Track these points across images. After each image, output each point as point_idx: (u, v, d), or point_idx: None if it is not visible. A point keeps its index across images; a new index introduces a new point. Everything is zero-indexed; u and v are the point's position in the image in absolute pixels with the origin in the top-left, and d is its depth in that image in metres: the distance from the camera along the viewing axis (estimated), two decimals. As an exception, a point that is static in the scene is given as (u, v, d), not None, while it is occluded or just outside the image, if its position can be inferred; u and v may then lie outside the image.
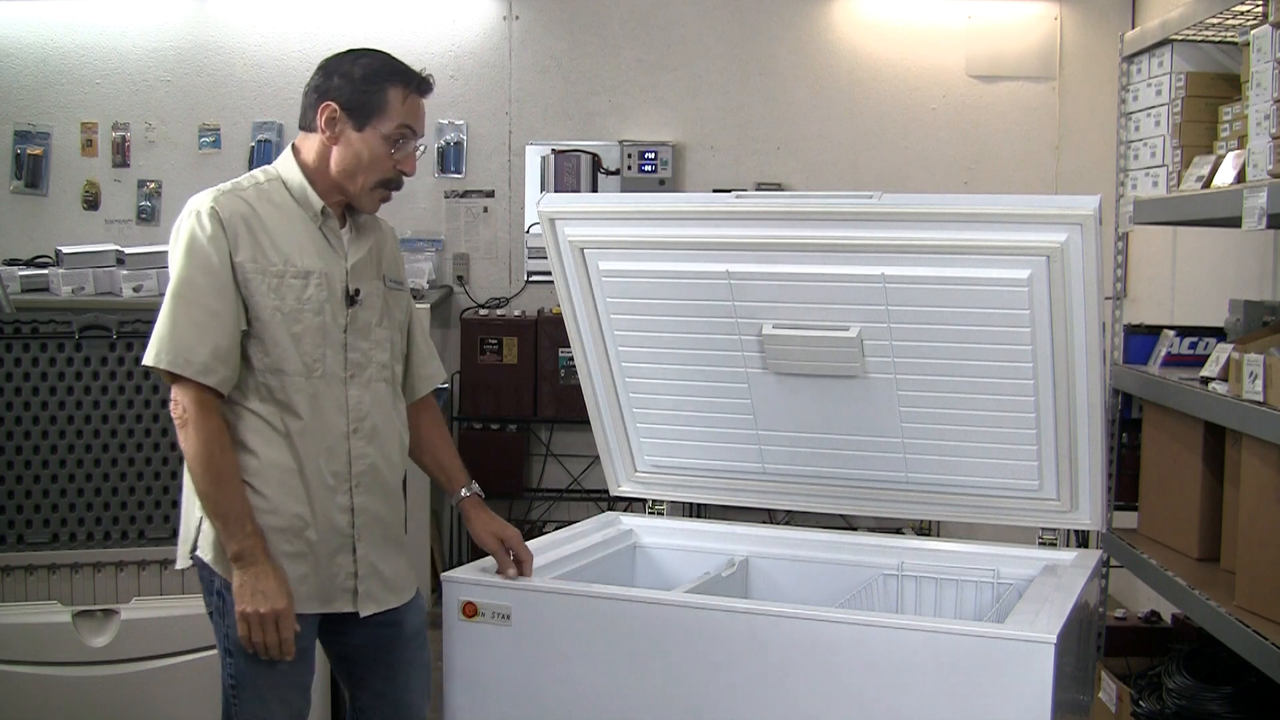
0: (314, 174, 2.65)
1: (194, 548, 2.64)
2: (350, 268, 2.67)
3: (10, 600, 3.96)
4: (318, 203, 2.64)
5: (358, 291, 2.66)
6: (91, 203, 6.30)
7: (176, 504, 4.17)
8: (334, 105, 2.59)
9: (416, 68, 2.69)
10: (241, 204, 2.58)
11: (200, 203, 2.56)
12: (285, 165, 2.67)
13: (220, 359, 2.52)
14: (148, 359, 2.52)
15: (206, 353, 2.50)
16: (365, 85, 2.60)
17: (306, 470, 2.60)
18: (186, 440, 2.52)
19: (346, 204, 2.71)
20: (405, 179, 2.72)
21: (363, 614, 2.69)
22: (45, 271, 5.57)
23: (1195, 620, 3.48)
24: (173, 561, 4.20)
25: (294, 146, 2.69)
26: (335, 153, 2.63)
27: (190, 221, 2.55)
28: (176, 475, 4.18)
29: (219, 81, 6.31)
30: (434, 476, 2.98)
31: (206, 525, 2.59)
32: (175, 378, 2.52)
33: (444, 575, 2.86)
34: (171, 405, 2.55)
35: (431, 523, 5.98)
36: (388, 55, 2.67)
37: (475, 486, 2.91)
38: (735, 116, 6.29)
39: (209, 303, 2.52)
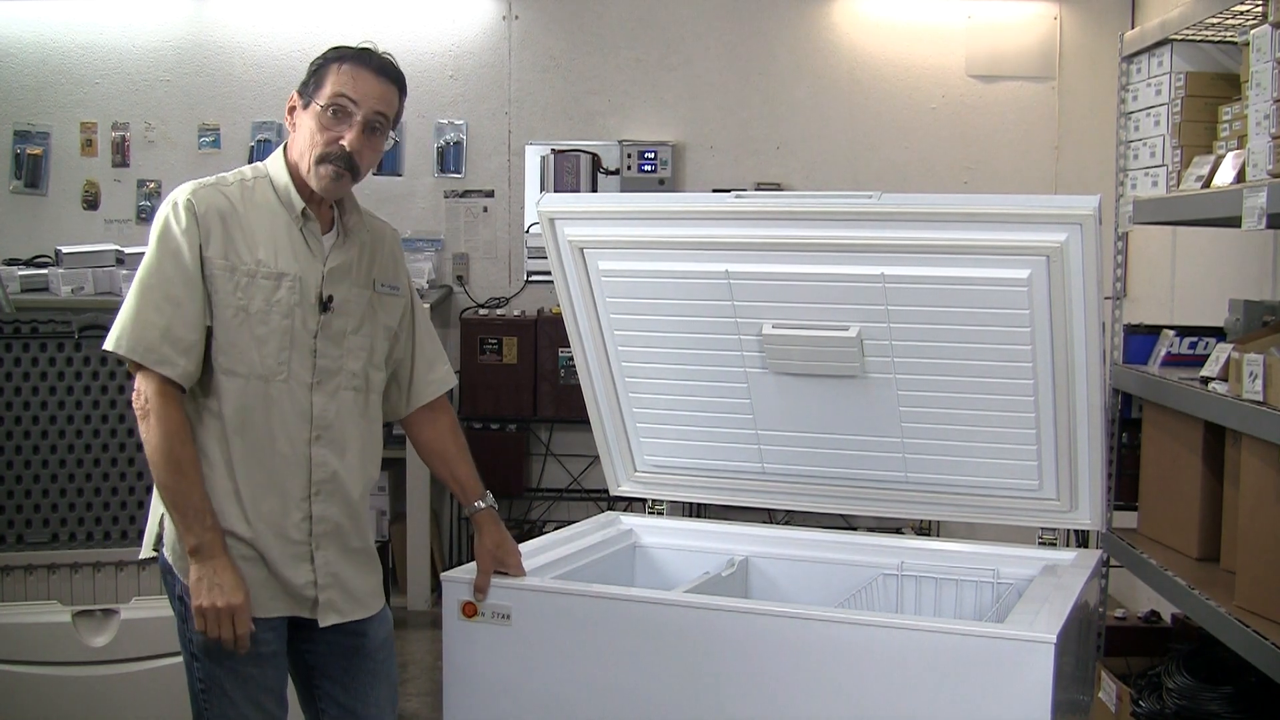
0: (294, 172, 2.62)
1: (158, 542, 2.62)
2: (327, 272, 2.61)
3: (10, 600, 3.96)
4: (299, 203, 2.60)
5: (331, 298, 2.60)
6: (91, 202, 6.30)
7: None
8: (293, 94, 2.64)
9: (413, 67, 2.67)
10: (221, 199, 2.56)
11: (178, 194, 2.55)
12: (274, 164, 2.65)
13: (180, 350, 2.48)
14: (108, 343, 2.50)
15: (166, 343, 2.47)
16: (312, 68, 2.62)
17: (254, 477, 2.55)
18: (147, 431, 2.48)
19: (335, 204, 2.67)
20: (366, 163, 2.62)
21: (322, 624, 2.63)
22: (45, 271, 5.56)
23: (1195, 620, 3.48)
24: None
25: (284, 146, 2.68)
26: (291, 139, 2.63)
27: (166, 211, 2.54)
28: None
29: (218, 81, 6.31)
30: (448, 485, 2.94)
31: (169, 531, 2.57)
32: (138, 367, 2.50)
33: (444, 575, 2.86)
34: (134, 396, 2.52)
35: (431, 523, 5.98)
36: (349, 45, 2.66)
37: (490, 499, 2.87)
38: (735, 116, 6.29)
39: (174, 292, 2.49)
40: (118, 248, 5.70)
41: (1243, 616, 3.15)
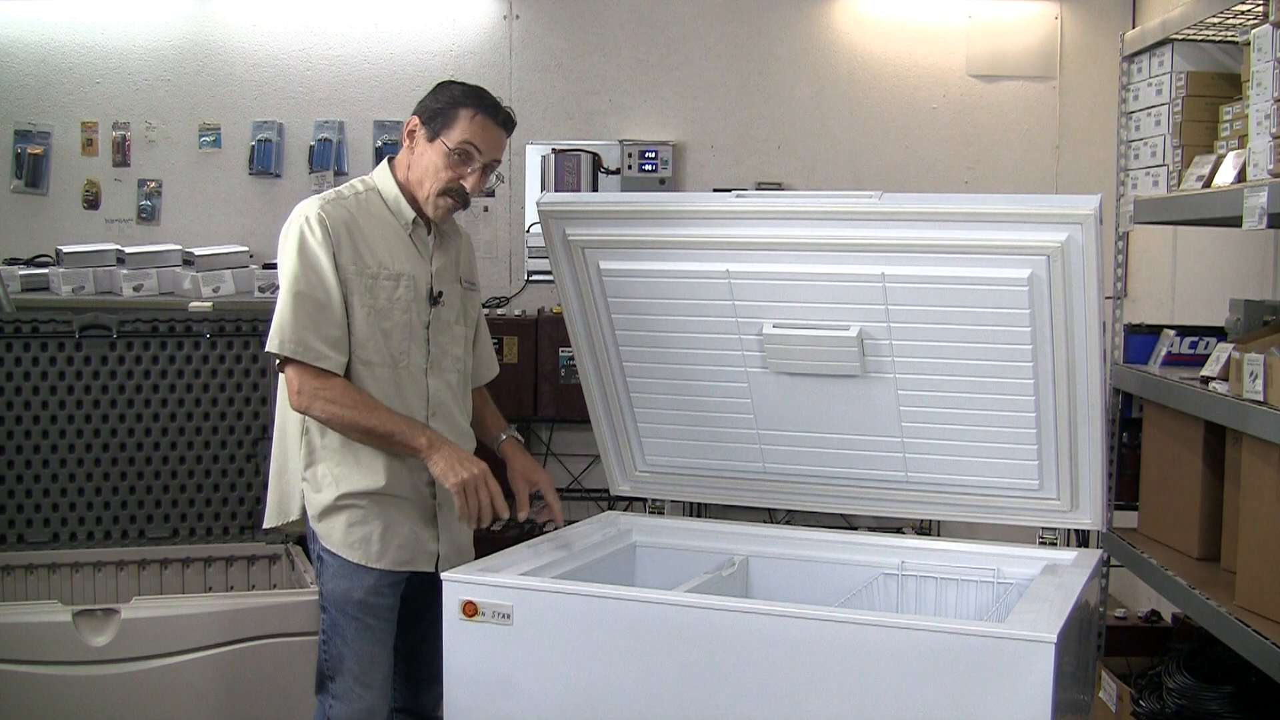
0: (404, 186, 2.98)
1: (301, 511, 2.99)
2: (434, 271, 3.00)
3: (10, 599, 3.96)
4: (409, 212, 2.97)
5: (440, 293, 2.98)
6: (92, 202, 6.30)
7: (176, 503, 4.19)
8: (415, 118, 2.95)
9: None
10: (344, 211, 2.91)
11: (309, 209, 2.89)
12: (383, 179, 3.00)
13: (330, 345, 2.85)
14: (270, 346, 2.86)
15: (320, 341, 2.85)
16: (441, 103, 2.93)
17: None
18: (322, 410, 2.86)
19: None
20: (476, 197, 3.03)
21: (442, 573, 2.87)
22: (45, 271, 5.57)
23: (1195, 620, 3.48)
24: (173, 561, 4.24)
25: (390, 162, 3.02)
26: (410, 161, 2.97)
27: (300, 224, 2.87)
28: (176, 475, 4.18)
29: (219, 81, 6.30)
30: (476, 430, 3.21)
31: (312, 505, 2.96)
32: (294, 364, 2.85)
33: (444, 575, 2.86)
34: (292, 397, 2.88)
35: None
36: (477, 87, 2.98)
37: (513, 430, 3.25)
38: (735, 116, 6.28)
39: (319, 296, 2.86)
40: (118, 247, 5.71)
41: (1243, 616, 3.15)
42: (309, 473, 2.97)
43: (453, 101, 2.92)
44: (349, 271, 2.89)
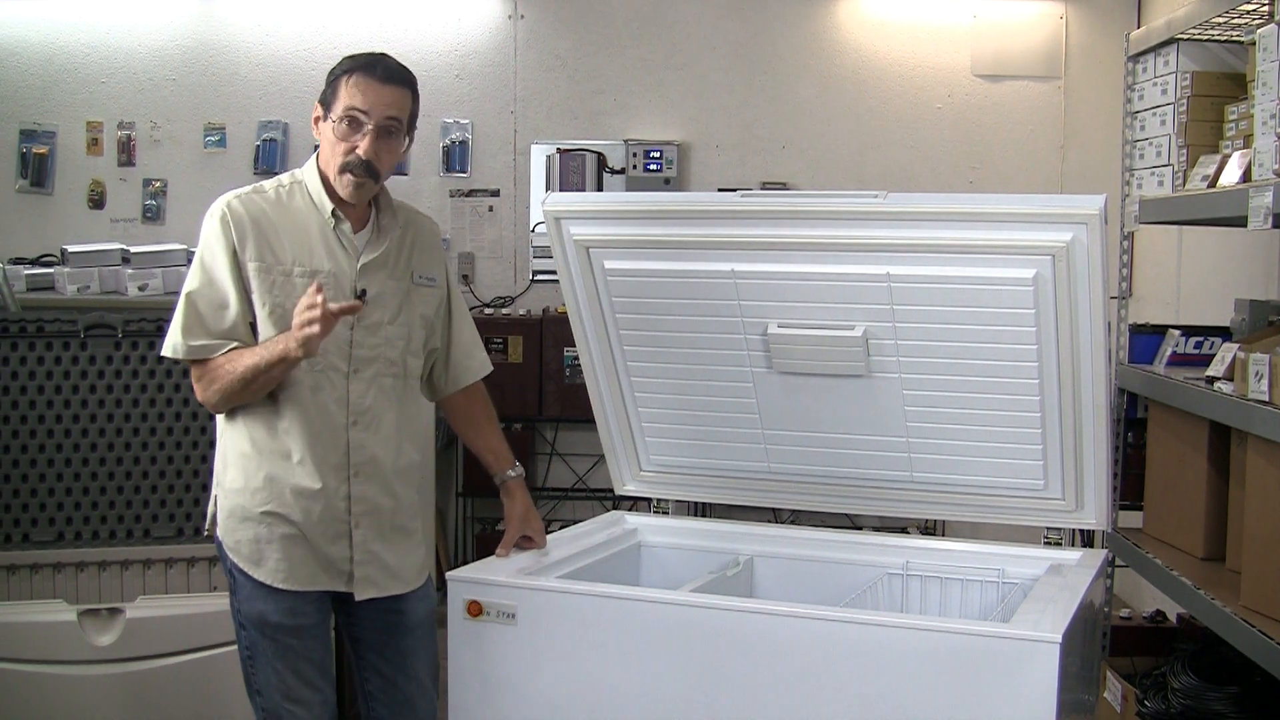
0: (325, 178, 2.79)
1: (212, 524, 2.83)
2: (360, 267, 2.77)
3: (16, 599, 3.96)
4: (328, 206, 2.77)
5: (364, 291, 2.73)
6: (97, 202, 6.31)
7: (181, 503, 4.21)
8: (317, 105, 2.77)
9: (419, 66, 2.78)
10: (255, 206, 2.75)
11: (216, 204, 2.75)
12: (309, 171, 2.82)
13: (222, 337, 2.69)
14: (165, 350, 2.72)
15: (208, 337, 2.69)
16: (329, 82, 2.76)
17: (303, 459, 2.73)
18: (216, 393, 2.69)
19: (372, 202, 2.83)
20: (392, 170, 2.81)
21: (359, 597, 2.79)
22: (50, 270, 5.55)
23: (1200, 620, 3.48)
24: (178, 560, 4.25)
25: (316, 153, 2.83)
26: (319, 149, 2.80)
27: (205, 221, 2.74)
28: (181, 474, 4.19)
29: (224, 80, 6.32)
30: (481, 456, 3.11)
31: (221, 510, 2.78)
32: (192, 366, 2.72)
33: (449, 574, 2.86)
34: (198, 396, 2.74)
35: (436, 522, 5.98)
36: (362, 53, 2.79)
37: (519, 469, 3.08)
38: (740, 115, 6.29)
39: (211, 294, 2.70)
40: (123, 247, 5.69)
41: (1248, 616, 3.15)
42: (223, 479, 2.79)
43: (334, 76, 2.74)
44: (251, 269, 2.70)
